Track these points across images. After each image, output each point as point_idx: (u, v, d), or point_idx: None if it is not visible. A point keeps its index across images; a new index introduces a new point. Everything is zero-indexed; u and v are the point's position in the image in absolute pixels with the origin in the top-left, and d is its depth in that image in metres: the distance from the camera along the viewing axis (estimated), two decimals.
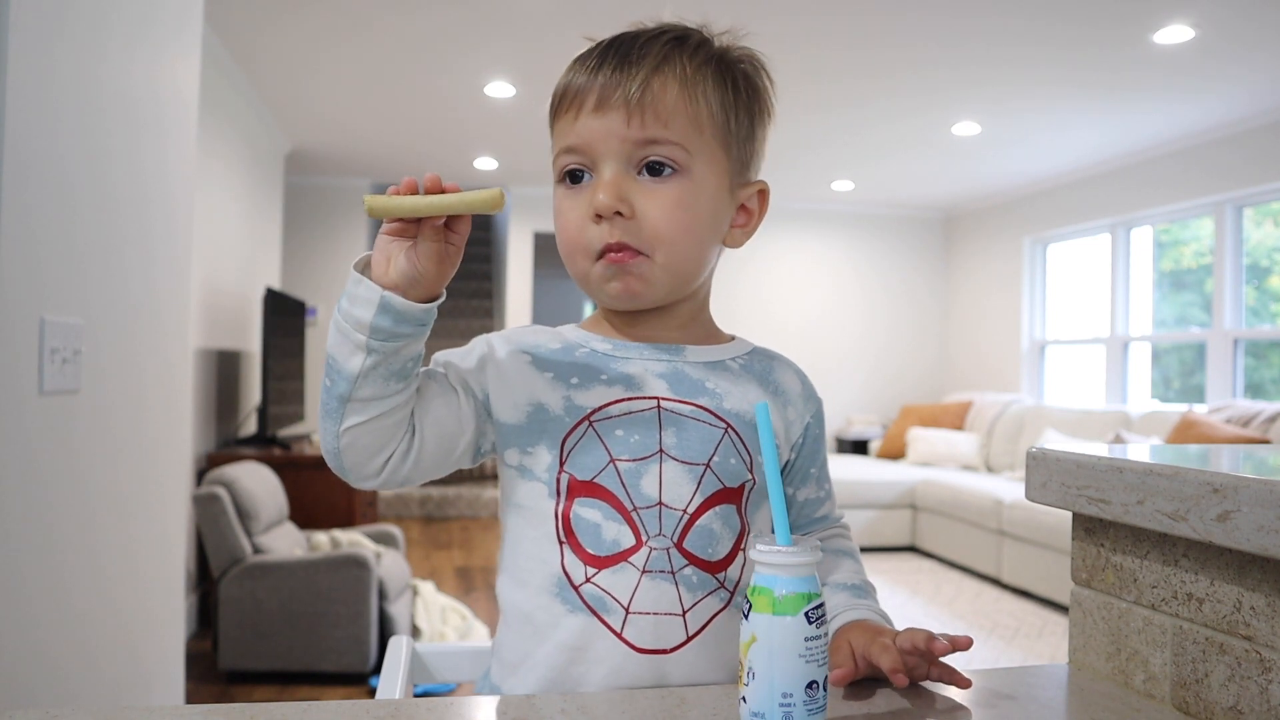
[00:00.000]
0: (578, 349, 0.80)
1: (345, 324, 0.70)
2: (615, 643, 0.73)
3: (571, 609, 0.73)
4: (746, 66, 0.81)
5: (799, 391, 0.86)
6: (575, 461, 0.75)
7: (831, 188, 6.51)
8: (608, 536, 0.74)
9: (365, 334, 0.69)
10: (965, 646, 0.69)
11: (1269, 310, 4.90)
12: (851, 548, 0.87)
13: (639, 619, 0.73)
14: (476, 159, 5.94)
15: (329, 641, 3.08)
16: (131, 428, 1.65)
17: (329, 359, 0.72)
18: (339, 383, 0.71)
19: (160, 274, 1.78)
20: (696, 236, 0.76)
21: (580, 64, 0.77)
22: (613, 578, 0.73)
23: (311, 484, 3.96)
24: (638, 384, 0.78)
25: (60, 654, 1.38)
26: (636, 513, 0.74)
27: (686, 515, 0.75)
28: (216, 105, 3.92)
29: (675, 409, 0.77)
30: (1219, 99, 4.28)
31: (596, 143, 0.74)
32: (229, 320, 4.33)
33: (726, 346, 0.84)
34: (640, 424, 0.76)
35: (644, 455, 0.75)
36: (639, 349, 0.80)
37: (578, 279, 0.79)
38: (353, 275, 0.70)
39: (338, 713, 0.63)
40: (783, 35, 3.59)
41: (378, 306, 0.69)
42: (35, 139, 1.25)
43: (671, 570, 0.74)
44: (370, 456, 0.74)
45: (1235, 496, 0.59)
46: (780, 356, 0.88)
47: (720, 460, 0.76)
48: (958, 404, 6.35)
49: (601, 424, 0.76)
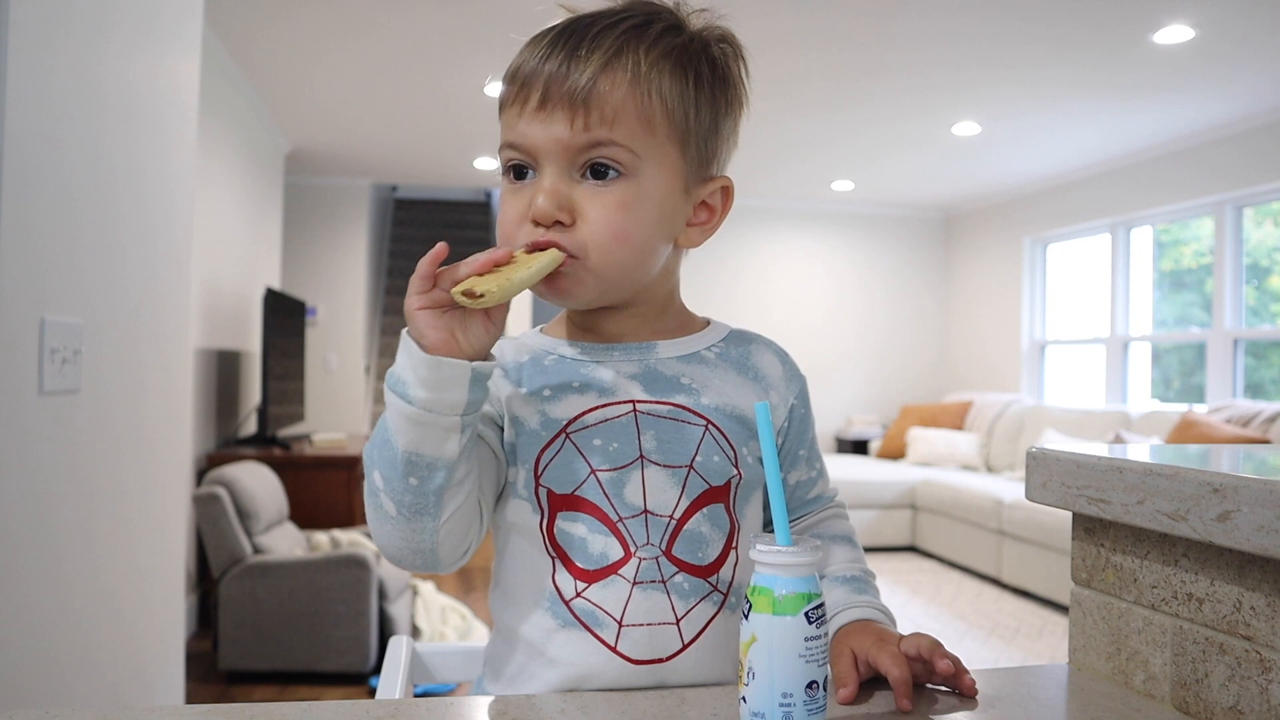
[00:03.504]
0: (545, 357, 0.78)
1: (432, 414, 0.65)
2: (610, 656, 0.71)
3: (563, 624, 0.72)
4: (715, 52, 0.76)
5: (780, 373, 0.82)
6: (552, 475, 0.73)
7: (831, 188, 6.51)
8: (595, 550, 0.72)
9: (460, 413, 0.65)
10: (969, 691, 0.68)
11: (1269, 310, 4.90)
12: (849, 530, 0.85)
13: (632, 631, 0.71)
14: (476, 159, 5.94)
15: (329, 641, 3.08)
16: (131, 428, 1.65)
17: (410, 459, 0.66)
18: (434, 475, 0.66)
19: (160, 274, 1.78)
20: (635, 241, 0.72)
21: (532, 46, 0.73)
22: (603, 591, 0.72)
23: (311, 484, 3.97)
24: (610, 389, 0.75)
25: (60, 654, 1.38)
26: (622, 523, 0.72)
27: (673, 521, 0.73)
28: (216, 105, 3.92)
29: (652, 410, 0.75)
30: (1219, 99, 4.28)
31: (538, 146, 0.72)
32: (229, 320, 4.33)
33: (700, 335, 0.81)
34: (617, 430, 0.73)
35: (624, 463, 0.73)
36: (607, 351, 0.78)
37: None
38: (427, 360, 0.64)
39: (338, 713, 0.63)
40: (783, 35, 3.59)
41: (470, 382, 0.65)
42: (35, 139, 1.25)
43: (662, 579, 0.72)
44: (462, 536, 0.71)
45: (1235, 496, 0.59)
46: (759, 337, 0.85)
47: (703, 460, 0.74)
48: (958, 404, 6.35)
49: (578, 434, 0.73)
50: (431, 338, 0.64)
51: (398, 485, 0.67)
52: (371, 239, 7.28)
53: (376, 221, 7.83)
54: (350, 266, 6.65)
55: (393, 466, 0.67)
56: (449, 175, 6.65)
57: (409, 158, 6.00)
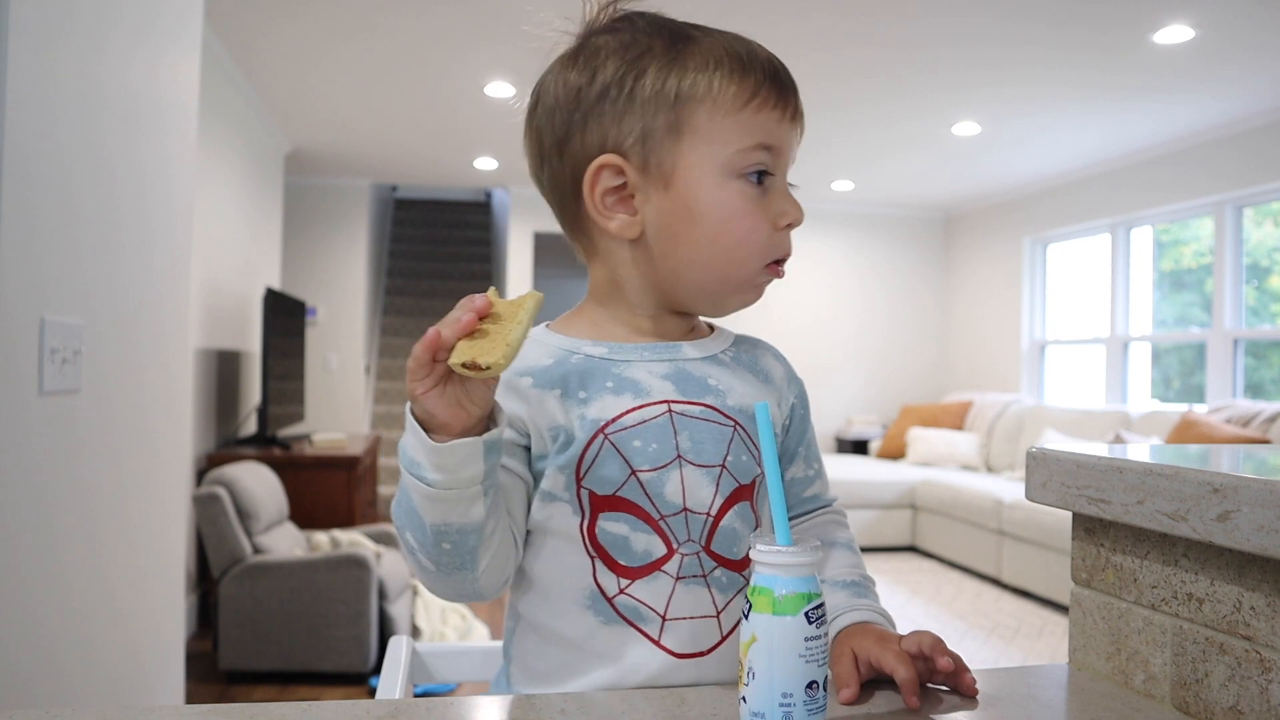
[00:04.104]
0: (571, 356, 0.77)
1: (453, 490, 0.65)
2: (654, 650, 0.72)
3: (606, 621, 0.72)
4: None
5: (782, 375, 0.85)
6: (593, 477, 0.73)
7: (831, 188, 6.51)
8: (638, 548, 0.72)
9: (479, 482, 0.66)
10: (969, 690, 0.68)
11: (1269, 310, 4.90)
12: (848, 537, 0.85)
13: (676, 625, 0.72)
14: (476, 159, 5.94)
15: (329, 641, 3.08)
16: (131, 428, 1.65)
17: (439, 530, 0.66)
18: (467, 539, 0.67)
19: (160, 274, 1.78)
20: None
21: (753, 48, 0.77)
22: (647, 587, 0.72)
23: (311, 484, 3.96)
24: (645, 389, 0.75)
25: (61, 654, 1.38)
26: (664, 521, 0.73)
27: (710, 518, 0.74)
28: (216, 105, 3.92)
29: (685, 411, 0.75)
30: (1219, 99, 4.28)
31: (786, 151, 0.75)
32: (229, 320, 4.33)
33: (714, 339, 0.83)
34: (655, 431, 0.74)
35: (663, 464, 0.73)
36: (637, 350, 0.78)
37: (728, 279, 0.76)
38: (439, 448, 0.63)
39: (338, 713, 0.63)
40: (783, 35, 3.59)
41: (484, 453, 0.65)
42: (35, 139, 1.25)
43: (703, 574, 0.73)
44: (501, 571, 0.73)
45: (1235, 496, 0.59)
46: (761, 342, 0.87)
47: (734, 459, 0.75)
48: (958, 404, 6.35)
49: (616, 435, 0.73)
50: (441, 415, 0.63)
51: (431, 550, 0.68)
52: (371, 239, 7.28)
53: (376, 221, 7.83)
54: (350, 266, 6.65)
55: (423, 533, 0.67)
56: (449, 175, 6.66)
57: (409, 158, 6.00)
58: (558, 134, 0.77)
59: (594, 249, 0.79)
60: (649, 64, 0.74)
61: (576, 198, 0.77)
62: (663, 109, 0.73)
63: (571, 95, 0.76)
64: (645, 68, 0.74)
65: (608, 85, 0.74)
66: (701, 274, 0.76)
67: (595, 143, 0.75)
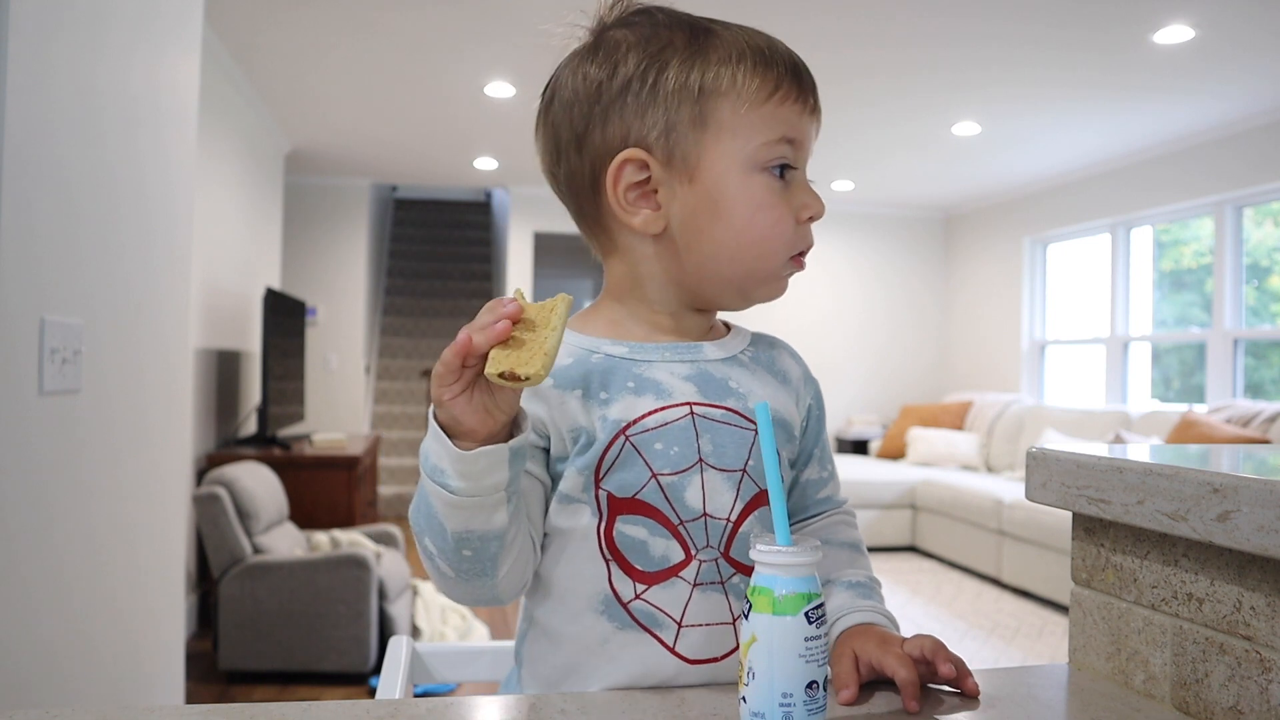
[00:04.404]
0: (591, 356, 0.75)
1: (477, 498, 0.64)
2: (668, 656, 0.71)
3: (620, 626, 0.71)
4: None
5: (800, 375, 0.84)
6: (613, 479, 0.71)
7: (831, 188, 6.51)
8: (656, 553, 0.71)
9: (503, 489, 0.65)
10: (972, 694, 0.68)
11: (1269, 310, 4.90)
12: (855, 538, 0.84)
13: (691, 631, 0.71)
14: (476, 159, 5.94)
15: (329, 641, 3.08)
16: (131, 428, 1.65)
17: (461, 537, 0.65)
18: (488, 546, 0.66)
19: (160, 274, 1.78)
20: None
21: (771, 41, 0.77)
22: (663, 593, 0.71)
23: (311, 484, 3.96)
24: (667, 391, 0.74)
25: (60, 654, 1.38)
26: (683, 526, 0.71)
27: (730, 524, 0.72)
28: (216, 105, 3.92)
29: (707, 414, 0.74)
30: (1219, 99, 4.28)
31: (806, 144, 0.75)
32: (229, 320, 4.33)
33: (733, 338, 0.81)
34: (676, 434, 0.72)
35: (684, 467, 0.72)
36: (658, 350, 0.76)
37: (755, 272, 0.75)
38: (465, 456, 0.62)
39: (338, 713, 0.63)
40: (783, 35, 3.58)
41: (509, 460, 0.64)
42: (35, 139, 1.25)
43: (721, 580, 0.72)
44: (520, 576, 0.72)
45: (1235, 496, 0.59)
46: (778, 341, 0.86)
47: (755, 464, 0.74)
48: (958, 404, 6.35)
49: (638, 437, 0.72)
50: (468, 422, 0.62)
51: (451, 556, 0.67)
52: (371, 239, 7.28)
53: (376, 221, 7.83)
54: (350, 266, 6.65)
55: (444, 540, 0.66)
56: (449, 175, 6.66)
57: (409, 158, 6.00)
58: (576, 129, 0.75)
59: (613, 245, 0.78)
60: (671, 57, 0.73)
61: (596, 193, 0.75)
62: (686, 103, 0.72)
63: (591, 89, 0.74)
64: (668, 61, 0.73)
65: (629, 79, 0.73)
66: (729, 268, 0.75)
67: (617, 137, 0.73)
